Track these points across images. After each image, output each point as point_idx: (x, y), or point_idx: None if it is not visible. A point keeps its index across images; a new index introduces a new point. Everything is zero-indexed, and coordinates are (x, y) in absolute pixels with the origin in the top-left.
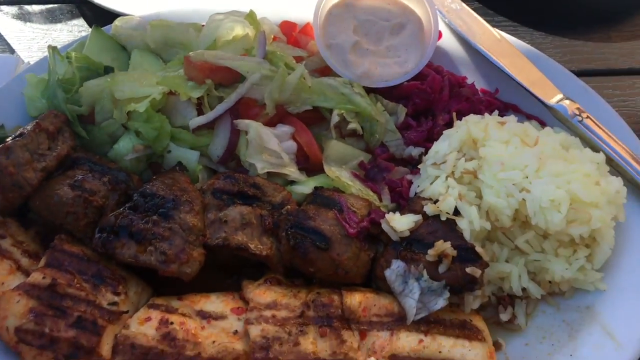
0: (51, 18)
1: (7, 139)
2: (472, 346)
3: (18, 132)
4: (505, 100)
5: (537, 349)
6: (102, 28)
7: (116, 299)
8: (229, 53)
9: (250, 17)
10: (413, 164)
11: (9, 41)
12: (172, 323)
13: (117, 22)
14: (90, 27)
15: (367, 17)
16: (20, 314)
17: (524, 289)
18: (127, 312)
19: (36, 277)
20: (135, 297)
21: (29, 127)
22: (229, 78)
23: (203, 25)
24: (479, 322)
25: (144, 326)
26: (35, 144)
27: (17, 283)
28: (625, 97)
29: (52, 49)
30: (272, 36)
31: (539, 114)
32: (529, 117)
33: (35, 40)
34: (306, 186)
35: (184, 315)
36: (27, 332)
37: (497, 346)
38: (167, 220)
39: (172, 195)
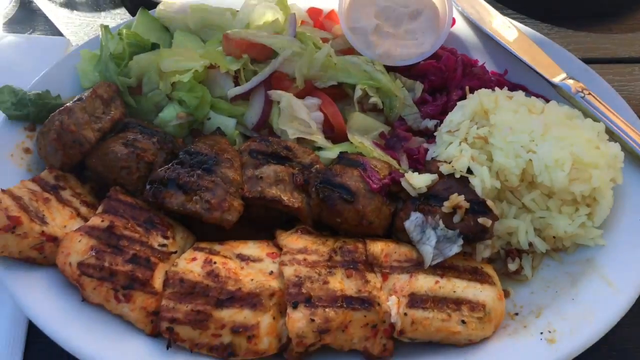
0: (96, 7)
1: (66, 104)
2: (483, 288)
3: (77, 98)
4: (513, 81)
5: (541, 296)
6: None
7: (165, 241)
8: (264, 32)
9: (281, 2)
10: (429, 135)
11: (59, 27)
12: (215, 263)
13: (161, 6)
14: (132, 15)
15: (387, 4)
16: (82, 251)
17: (530, 244)
18: (175, 252)
19: (95, 220)
20: (182, 242)
21: (86, 94)
22: (263, 54)
23: (238, 10)
24: (489, 270)
25: (190, 264)
26: (92, 107)
27: (78, 227)
28: (625, 82)
29: (104, 27)
30: (301, 20)
31: (545, 94)
32: (535, 96)
33: (82, 26)
34: (332, 152)
35: (225, 257)
36: (88, 266)
37: (505, 293)
38: (210, 174)
39: (214, 154)
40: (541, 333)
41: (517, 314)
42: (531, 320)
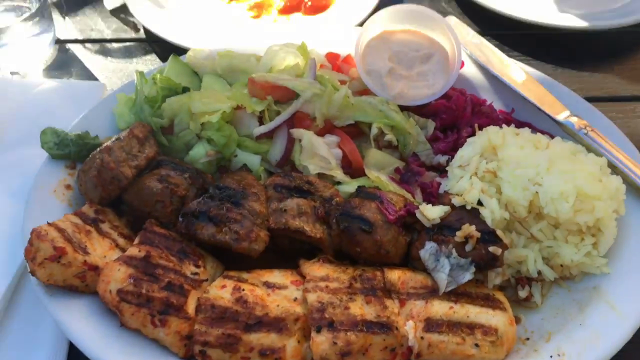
0: (128, 53)
1: (105, 143)
2: (495, 313)
3: (115, 137)
4: (520, 119)
5: (551, 322)
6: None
7: (197, 270)
8: (287, 75)
9: (302, 48)
10: (441, 170)
11: (94, 72)
12: (243, 290)
13: (190, 52)
14: (162, 61)
15: (400, 48)
16: (121, 279)
17: (539, 272)
18: (206, 280)
19: (133, 251)
20: (212, 271)
21: (123, 134)
22: (286, 95)
23: (262, 56)
24: (500, 296)
25: (220, 291)
26: (129, 146)
27: (116, 257)
28: (627, 119)
29: (140, 73)
30: (320, 64)
31: (550, 130)
32: (541, 133)
33: (115, 72)
34: (350, 186)
35: (252, 284)
36: (127, 293)
37: (516, 319)
38: (238, 207)
39: (242, 188)
40: (551, 356)
41: (528, 338)
42: (541, 344)
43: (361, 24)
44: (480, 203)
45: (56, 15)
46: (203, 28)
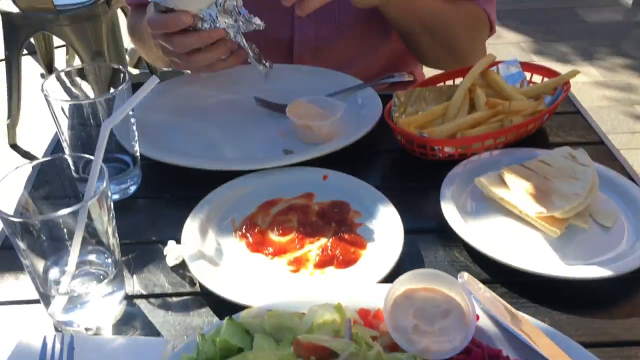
0: (185, 307)
1: None
2: None
3: None
4: None
5: None
6: (233, 316)
7: None
8: (326, 336)
9: (338, 307)
10: None
11: (156, 326)
12: None
13: (244, 313)
14: (214, 312)
15: (422, 305)
16: None
17: None
18: None
19: None
20: None
21: None
22: (327, 354)
23: (303, 313)
24: None
25: None
26: None
27: None
28: None
29: (201, 335)
30: (353, 320)
31: None
32: None
33: (174, 325)
34: None
35: None
36: None
37: None
38: None
39: None
40: None
41: None
42: None
43: (386, 278)
44: None
45: (125, 273)
46: (250, 282)
